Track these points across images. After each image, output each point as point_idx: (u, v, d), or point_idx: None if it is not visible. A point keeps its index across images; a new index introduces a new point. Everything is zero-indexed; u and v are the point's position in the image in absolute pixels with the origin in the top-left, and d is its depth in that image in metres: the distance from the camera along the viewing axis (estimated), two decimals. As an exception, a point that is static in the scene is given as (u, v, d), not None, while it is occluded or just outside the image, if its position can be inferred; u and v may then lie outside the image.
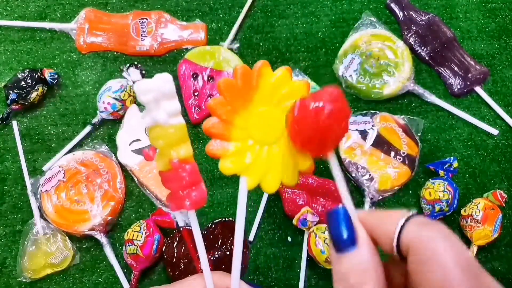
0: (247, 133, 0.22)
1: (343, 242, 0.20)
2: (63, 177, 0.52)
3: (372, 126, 0.53)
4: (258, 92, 0.22)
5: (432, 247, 0.19)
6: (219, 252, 0.49)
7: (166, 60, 0.60)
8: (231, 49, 0.59)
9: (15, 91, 0.55)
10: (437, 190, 0.49)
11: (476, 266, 0.19)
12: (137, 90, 0.20)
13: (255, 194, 0.53)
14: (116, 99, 0.54)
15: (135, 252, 0.48)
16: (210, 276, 0.23)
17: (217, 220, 0.51)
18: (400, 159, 0.52)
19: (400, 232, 0.20)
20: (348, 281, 0.20)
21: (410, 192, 0.54)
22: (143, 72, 0.57)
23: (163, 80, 0.20)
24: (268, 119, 0.22)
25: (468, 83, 0.58)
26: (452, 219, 0.52)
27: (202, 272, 0.43)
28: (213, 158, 0.22)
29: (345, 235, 0.20)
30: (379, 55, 0.57)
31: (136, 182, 0.54)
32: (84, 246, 0.52)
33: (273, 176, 0.22)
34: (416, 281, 0.19)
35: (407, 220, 0.20)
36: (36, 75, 0.56)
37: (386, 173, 0.51)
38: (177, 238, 0.50)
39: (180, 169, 0.21)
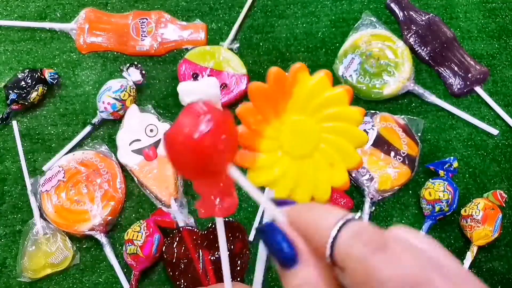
0: (278, 144, 0.20)
1: (284, 259, 0.19)
2: (63, 177, 0.52)
3: (372, 126, 0.53)
4: (292, 99, 0.20)
5: (366, 267, 0.17)
6: (219, 252, 0.49)
7: (166, 60, 0.60)
8: (231, 49, 0.59)
9: (15, 91, 0.55)
10: (437, 190, 0.49)
11: (422, 264, 0.17)
12: (182, 91, 0.19)
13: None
14: (116, 99, 0.54)
15: (135, 252, 0.48)
16: (230, 286, 0.22)
17: (217, 220, 0.51)
18: (400, 159, 0.52)
19: (334, 240, 0.18)
20: None
21: (410, 192, 0.54)
22: (143, 72, 0.57)
23: (209, 84, 0.19)
24: (301, 130, 0.21)
25: (468, 83, 0.58)
26: (452, 219, 0.52)
27: (206, 272, 0.43)
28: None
29: (283, 252, 0.19)
30: (379, 55, 0.57)
31: (136, 182, 0.54)
32: (84, 246, 0.52)
33: (303, 190, 0.21)
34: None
35: (342, 225, 0.18)
36: (36, 75, 0.56)
37: (386, 173, 0.51)
38: (177, 238, 0.50)
39: (222, 177, 0.20)
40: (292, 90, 0.20)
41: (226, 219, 0.51)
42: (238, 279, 0.49)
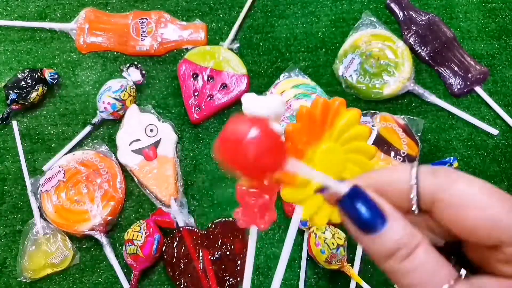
0: (312, 166, 0.22)
1: (373, 222, 0.19)
2: (63, 177, 0.52)
3: (372, 126, 0.53)
4: (331, 128, 0.23)
5: (468, 189, 0.18)
6: (219, 252, 0.49)
7: (166, 60, 0.60)
8: (231, 49, 0.59)
9: (15, 91, 0.55)
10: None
11: (506, 193, 0.19)
12: (251, 103, 0.20)
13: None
14: (116, 99, 0.54)
15: (135, 252, 0.48)
16: None
17: (217, 220, 0.51)
18: (400, 159, 0.52)
19: (417, 184, 0.19)
20: (403, 252, 0.18)
21: (410, 192, 0.53)
22: (143, 72, 0.57)
23: (280, 102, 0.21)
24: (330, 157, 0.23)
25: (468, 83, 0.58)
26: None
27: (205, 272, 0.43)
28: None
29: (372, 214, 0.19)
30: (379, 55, 0.57)
31: (136, 182, 0.54)
32: (84, 246, 0.52)
33: (325, 212, 0.23)
34: (452, 224, 0.19)
35: (417, 170, 0.20)
36: (36, 75, 0.56)
37: (386, 173, 0.51)
38: (177, 238, 0.50)
39: (267, 189, 0.22)
40: (333, 122, 0.23)
41: (226, 219, 0.51)
42: (238, 279, 0.49)
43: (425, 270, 0.18)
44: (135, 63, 0.57)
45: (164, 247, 0.50)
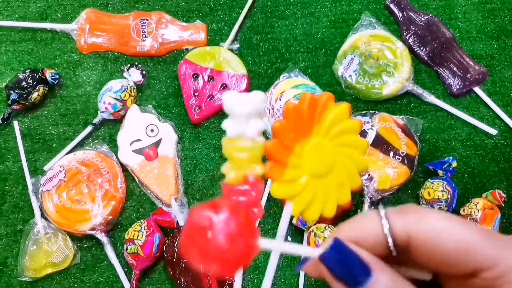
0: (301, 162, 0.22)
1: (358, 276, 0.18)
2: (64, 177, 0.52)
3: (371, 126, 0.53)
4: (319, 123, 0.23)
5: (440, 223, 0.19)
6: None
7: (166, 60, 0.60)
8: (231, 50, 0.60)
9: (16, 91, 0.55)
10: (436, 190, 0.50)
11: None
12: (231, 101, 0.21)
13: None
14: (117, 99, 0.54)
15: (135, 251, 0.48)
16: None
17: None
18: (399, 159, 0.52)
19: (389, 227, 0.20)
20: None
21: (409, 192, 0.54)
22: (144, 72, 0.57)
23: (260, 99, 0.21)
24: (320, 151, 0.23)
25: (467, 83, 0.58)
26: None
27: (206, 271, 0.43)
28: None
29: (356, 267, 0.19)
30: (378, 56, 0.57)
31: (137, 181, 0.54)
32: (85, 245, 0.52)
33: (316, 207, 0.23)
34: (429, 258, 0.19)
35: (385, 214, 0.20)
36: (37, 76, 0.56)
37: (385, 173, 0.51)
38: (178, 238, 0.50)
39: (252, 185, 0.22)
40: (321, 116, 0.23)
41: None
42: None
43: None
44: (136, 63, 0.57)
45: (164, 247, 0.50)
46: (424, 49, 0.59)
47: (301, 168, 0.23)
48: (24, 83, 0.55)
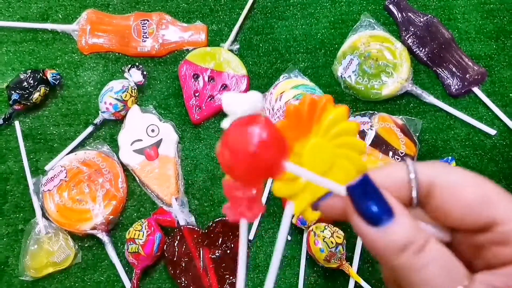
0: (301, 161, 0.23)
1: (380, 214, 0.18)
2: (65, 177, 0.53)
3: (371, 126, 0.54)
4: (318, 124, 0.23)
5: (459, 173, 0.19)
6: (219, 251, 0.50)
7: (167, 61, 0.60)
8: (232, 50, 0.60)
9: (18, 91, 0.55)
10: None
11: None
12: (229, 101, 0.21)
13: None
14: (117, 99, 0.55)
15: (136, 250, 0.48)
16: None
17: (218, 219, 0.51)
18: (398, 159, 0.52)
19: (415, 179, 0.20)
20: (417, 245, 0.18)
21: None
22: (145, 73, 0.57)
23: (258, 98, 0.21)
24: (319, 152, 0.23)
25: (466, 83, 0.58)
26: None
27: (206, 270, 0.43)
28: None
29: (380, 206, 0.19)
30: (377, 56, 0.58)
31: (138, 181, 0.54)
32: (86, 245, 0.52)
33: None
34: (453, 209, 0.19)
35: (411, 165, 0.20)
36: (38, 76, 0.56)
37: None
38: (178, 237, 0.50)
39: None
40: (320, 117, 0.23)
41: (227, 218, 0.52)
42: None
43: (439, 266, 0.18)
44: (137, 64, 0.57)
45: (165, 246, 0.50)
46: (423, 50, 0.59)
47: (302, 167, 0.23)
48: (25, 83, 0.55)
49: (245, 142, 0.19)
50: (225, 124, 0.22)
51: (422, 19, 0.61)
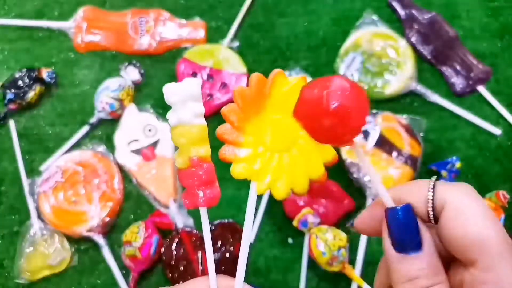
0: (258, 140, 0.23)
1: (410, 245, 0.20)
2: (60, 178, 0.52)
3: (374, 126, 0.53)
4: (270, 100, 0.23)
5: (468, 202, 0.19)
6: (218, 254, 0.49)
7: (165, 59, 0.60)
8: (231, 48, 0.59)
9: (12, 90, 0.55)
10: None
11: (500, 222, 0.20)
12: (167, 92, 0.22)
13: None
14: (114, 98, 0.54)
15: (133, 253, 0.48)
16: (214, 278, 0.23)
17: (216, 222, 0.51)
18: (402, 159, 0.51)
19: (433, 195, 0.20)
20: (417, 284, 0.19)
21: (412, 192, 0.53)
22: (142, 71, 0.57)
23: (192, 84, 0.23)
24: (279, 127, 0.23)
25: (470, 82, 0.57)
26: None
27: (205, 274, 0.43)
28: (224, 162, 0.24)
29: (413, 237, 0.20)
30: (381, 54, 0.57)
31: (135, 182, 0.53)
32: (82, 247, 0.52)
33: (283, 183, 0.24)
34: (449, 236, 0.19)
35: (434, 183, 0.21)
36: (34, 75, 0.56)
37: (388, 173, 0.51)
38: (176, 240, 0.50)
39: (198, 166, 0.23)
40: (270, 92, 0.23)
41: (226, 221, 0.51)
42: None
43: None
44: (134, 62, 0.57)
45: (162, 249, 0.49)
46: (427, 48, 0.59)
47: (258, 145, 0.23)
48: (20, 82, 0.55)
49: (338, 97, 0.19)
50: (168, 115, 0.23)
51: (426, 17, 0.60)
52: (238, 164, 0.23)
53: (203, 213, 0.23)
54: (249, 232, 0.23)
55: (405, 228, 0.20)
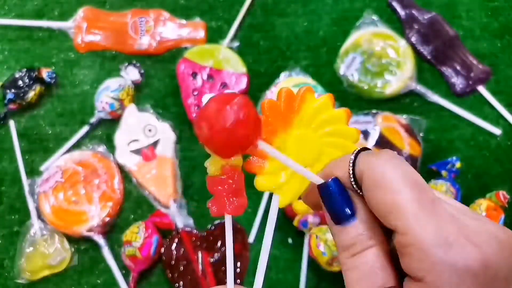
0: (284, 154, 0.23)
1: (343, 215, 0.20)
2: (60, 178, 0.52)
3: (374, 126, 0.53)
4: (298, 115, 0.23)
5: (381, 171, 0.19)
6: (219, 254, 0.49)
7: (165, 59, 0.59)
8: (231, 48, 0.59)
9: (13, 90, 0.55)
10: (440, 191, 0.49)
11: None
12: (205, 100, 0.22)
13: (255, 195, 0.53)
14: (114, 98, 0.54)
15: (133, 253, 0.48)
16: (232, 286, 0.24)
17: (217, 222, 0.51)
18: (402, 159, 0.51)
19: (353, 167, 0.21)
20: (355, 249, 0.20)
21: (412, 192, 0.53)
22: (142, 71, 0.56)
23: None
24: (304, 143, 0.24)
25: (470, 82, 0.57)
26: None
27: (205, 274, 0.43)
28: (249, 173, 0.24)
29: (344, 208, 0.21)
30: (381, 54, 0.57)
31: (135, 182, 0.53)
32: (82, 247, 0.52)
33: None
34: (371, 206, 0.20)
35: (357, 154, 0.21)
36: (34, 75, 0.55)
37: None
38: (176, 240, 0.50)
39: (229, 175, 0.23)
40: (300, 108, 0.23)
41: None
42: (238, 281, 0.48)
43: (364, 269, 0.20)
44: (134, 62, 0.57)
45: (162, 249, 0.49)
46: (427, 48, 0.59)
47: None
48: (20, 82, 0.55)
49: (222, 117, 0.20)
50: None
51: (426, 17, 0.60)
52: (262, 176, 0.23)
53: (228, 221, 0.23)
54: (269, 243, 0.23)
55: (335, 200, 0.21)
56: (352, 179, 0.20)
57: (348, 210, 0.20)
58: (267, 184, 0.23)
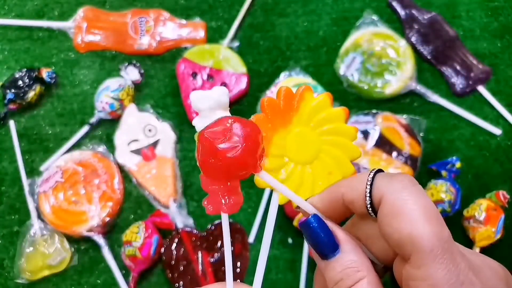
0: (283, 151, 0.24)
1: (327, 250, 0.21)
2: (60, 178, 0.52)
3: (374, 126, 0.53)
4: (297, 114, 0.24)
5: (403, 199, 0.19)
6: (218, 254, 0.49)
7: (165, 59, 0.59)
8: (231, 48, 0.59)
9: (12, 90, 0.55)
10: (440, 191, 0.49)
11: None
12: (194, 99, 0.23)
13: (255, 195, 0.53)
14: (114, 98, 0.54)
15: (133, 253, 0.48)
16: (231, 285, 0.24)
17: (217, 222, 0.51)
18: (402, 159, 0.51)
19: (371, 189, 0.20)
20: (345, 284, 0.20)
21: (412, 192, 0.53)
22: (142, 71, 0.56)
23: (221, 92, 0.23)
24: (303, 140, 0.24)
25: (470, 82, 0.57)
26: (455, 220, 0.51)
27: (205, 274, 0.43)
28: None
29: (326, 242, 0.21)
30: (381, 54, 0.57)
31: (135, 182, 0.53)
32: (82, 247, 0.51)
33: (302, 195, 0.24)
34: (385, 232, 0.19)
35: (374, 175, 0.21)
36: (34, 75, 0.55)
37: (388, 173, 0.51)
38: (176, 240, 0.49)
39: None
40: (299, 106, 0.24)
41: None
42: (238, 280, 0.48)
43: None
44: (134, 62, 0.57)
45: (162, 249, 0.49)
46: (427, 48, 0.59)
47: (283, 157, 0.24)
48: (20, 82, 0.55)
49: (220, 152, 0.21)
50: (194, 121, 0.23)
51: (426, 17, 0.60)
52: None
53: (225, 219, 0.23)
54: (269, 240, 0.24)
55: (317, 235, 0.21)
56: (368, 202, 0.20)
57: (332, 244, 0.20)
58: (266, 183, 0.23)
